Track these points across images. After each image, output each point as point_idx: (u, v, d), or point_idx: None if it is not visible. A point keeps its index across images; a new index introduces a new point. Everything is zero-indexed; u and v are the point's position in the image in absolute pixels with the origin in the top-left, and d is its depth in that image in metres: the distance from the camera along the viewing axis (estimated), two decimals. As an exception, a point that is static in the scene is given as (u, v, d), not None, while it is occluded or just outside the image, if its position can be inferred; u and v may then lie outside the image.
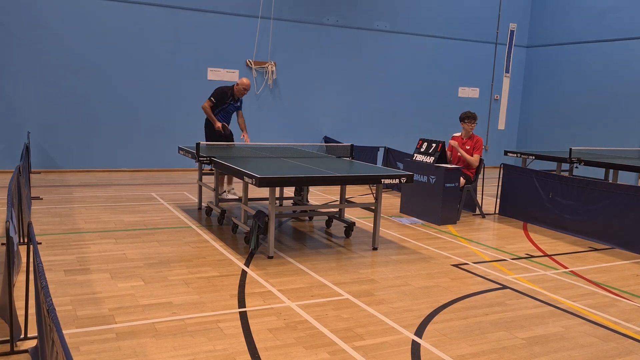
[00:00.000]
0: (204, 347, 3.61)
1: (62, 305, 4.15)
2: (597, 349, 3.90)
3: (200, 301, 4.39)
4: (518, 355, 3.74)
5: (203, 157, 6.71)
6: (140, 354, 3.47)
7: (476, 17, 14.25)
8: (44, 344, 2.62)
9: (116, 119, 10.99)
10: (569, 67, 13.91)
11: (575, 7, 13.72)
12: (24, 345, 3.46)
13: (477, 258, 6.05)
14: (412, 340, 3.87)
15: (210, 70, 11.63)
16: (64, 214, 7.14)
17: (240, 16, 11.75)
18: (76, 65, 10.55)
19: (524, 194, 8.02)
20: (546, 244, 6.86)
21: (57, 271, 4.92)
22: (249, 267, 5.34)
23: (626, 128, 12.55)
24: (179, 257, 5.53)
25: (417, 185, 7.87)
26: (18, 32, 10.06)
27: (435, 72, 14.03)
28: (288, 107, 12.50)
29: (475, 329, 4.12)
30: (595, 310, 4.63)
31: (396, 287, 4.97)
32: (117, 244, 5.89)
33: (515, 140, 15.40)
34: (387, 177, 5.96)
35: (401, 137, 13.29)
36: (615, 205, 6.75)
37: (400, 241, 6.65)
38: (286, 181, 5.86)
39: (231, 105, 8.27)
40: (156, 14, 11.03)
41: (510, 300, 4.77)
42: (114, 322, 3.92)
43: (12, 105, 10.20)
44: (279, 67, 12.26)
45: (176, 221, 7.07)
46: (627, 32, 12.55)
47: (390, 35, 13.35)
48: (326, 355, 3.59)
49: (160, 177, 10.72)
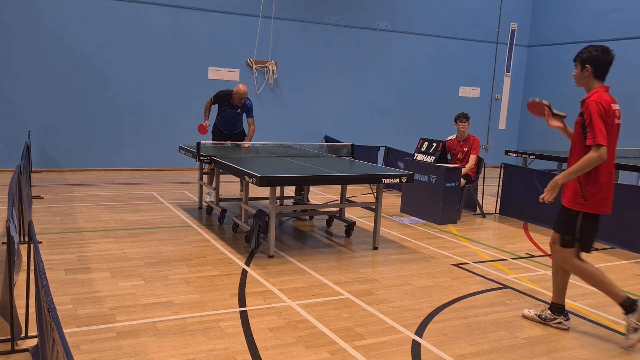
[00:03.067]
0: (205, 346, 3.62)
1: (62, 304, 4.15)
2: (597, 348, 3.90)
3: (200, 300, 4.40)
4: (518, 355, 3.74)
5: (203, 157, 6.72)
6: (141, 353, 3.48)
7: (477, 16, 14.24)
8: (45, 342, 2.62)
9: (117, 118, 10.99)
10: (569, 66, 13.64)
11: (576, 7, 13.71)
12: (24, 344, 3.46)
13: (478, 258, 6.05)
14: (412, 340, 3.87)
15: (211, 70, 11.62)
16: (64, 213, 7.14)
17: (241, 15, 11.74)
18: (77, 64, 10.56)
19: (524, 194, 8.01)
20: (547, 243, 6.85)
21: (57, 270, 4.92)
22: (249, 266, 5.34)
23: (627, 128, 12.50)
24: (180, 257, 5.53)
25: (418, 184, 7.86)
26: (19, 32, 10.06)
27: (436, 72, 14.02)
28: (288, 106, 12.49)
29: (476, 329, 4.12)
30: (596, 310, 4.63)
31: (396, 287, 4.97)
32: (117, 243, 5.89)
33: (515, 139, 15.39)
34: (388, 177, 5.96)
35: (402, 137, 13.28)
36: (615, 205, 6.69)
37: (401, 241, 6.65)
38: (287, 180, 5.85)
39: (228, 112, 7.93)
40: (157, 13, 11.03)
41: (511, 300, 4.77)
42: (114, 321, 3.92)
43: (13, 104, 10.21)
44: (280, 66, 12.26)
45: (177, 220, 7.07)
46: (628, 32, 12.54)
47: (391, 34, 13.35)
48: (326, 355, 3.59)
49: (160, 176, 10.72)
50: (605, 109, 3.84)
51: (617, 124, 3.96)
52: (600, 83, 4.00)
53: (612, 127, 3.90)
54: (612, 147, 3.96)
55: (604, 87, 3.99)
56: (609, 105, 3.88)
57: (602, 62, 3.95)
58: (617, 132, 3.99)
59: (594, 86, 4.00)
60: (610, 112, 3.88)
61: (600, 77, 4.00)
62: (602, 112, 3.83)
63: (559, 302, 4.23)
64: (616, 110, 3.96)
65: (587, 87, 4.05)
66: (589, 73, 3.99)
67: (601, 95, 3.92)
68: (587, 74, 4.00)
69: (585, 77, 4.02)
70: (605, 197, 3.97)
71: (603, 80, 4.02)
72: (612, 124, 3.90)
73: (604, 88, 3.99)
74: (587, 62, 3.98)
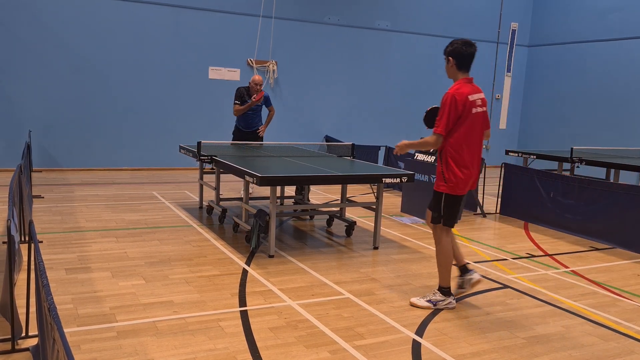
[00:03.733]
0: (205, 345, 3.62)
1: (63, 303, 4.15)
2: (597, 348, 3.90)
3: (201, 300, 4.40)
4: (519, 355, 3.74)
5: (204, 156, 6.72)
6: (141, 352, 3.48)
7: (477, 16, 14.23)
8: (45, 342, 2.62)
9: (117, 117, 10.99)
10: (570, 66, 13.89)
11: (576, 7, 13.70)
12: (25, 343, 3.46)
13: (478, 257, 6.05)
14: (412, 340, 3.87)
15: (211, 69, 11.62)
16: (65, 213, 7.14)
17: (242, 15, 11.74)
18: (77, 63, 10.56)
19: (525, 194, 8.01)
20: (547, 243, 6.86)
21: (58, 270, 4.92)
22: (249, 266, 5.34)
23: (627, 127, 12.54)
24: (180, 256, 5.54)
25: (418, 184, 7.86)
26: (19, 31, 10.06)
27: (436, 71, 13.99)
28: (289, 106, 12.49)
29: (476, 329, 4.12)
30: (596, 310, 4.63)
31: (397, 286, 4.97)
32: (118, 243, 5.90)
33: (516, 139, 15.39)
34: (388, 177, 5.96)
35: (402, 137, 13.09)
36: (616, 205, 6.74)
37: (401, 240, 6.65)
38: (287, 180, 5.85)
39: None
40: (158, 12, 11.03)
41: (511, 300, 4.77)
42: (114, 320, 3.93)
43: (14, 103, 10.21)
44: (280, 66, 12.26)
45: (177, 220, 7.07)
46: (629, 32, 12.53)
47: (391, 34, 13.35)
48: (327, 354, 3.59)
49: (161, 175, 10.72)
50: (458, 100, 4.18)
51: (475, 113, 4.27)
52: (464, 74, 4.31)
53: (468, 116, 4.24)
54: (474, 135, 4.31)
55: (466, 79, 4.31)
56: (465, 97, 4.21)
57: (463, 54, 4.25)
58: (479, 120, 4.32)
59: (458, 77, 4.32)
60: (468, 103, 4.22)
61: (463, 68, 4.30)
62: (454, 104, 4.18)
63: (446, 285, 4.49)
64: (477, 100, 4.26)
65: (454, 78, 4.38)
66: (452, 65, 4.29)
67: (459, 88, 4.23)
68: (451, 66, 4.31)
69: (450, 69, 4.35)
70: (463, 181, 4.33)
71: (467, 72, 4.32)
72: (469, 113, 4.24)
73: (466, 80, 4.30)
74: (450, 55, 4.31)
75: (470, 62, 4.32)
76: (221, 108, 11.74)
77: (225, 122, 11.81)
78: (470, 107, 4.23)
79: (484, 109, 4.34)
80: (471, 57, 4.29)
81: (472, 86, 4.31)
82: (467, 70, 4.33)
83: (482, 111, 4.33)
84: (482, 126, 4.38)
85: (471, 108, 4.23)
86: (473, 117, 4.25)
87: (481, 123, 4.35)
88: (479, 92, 4.34)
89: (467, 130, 4.26)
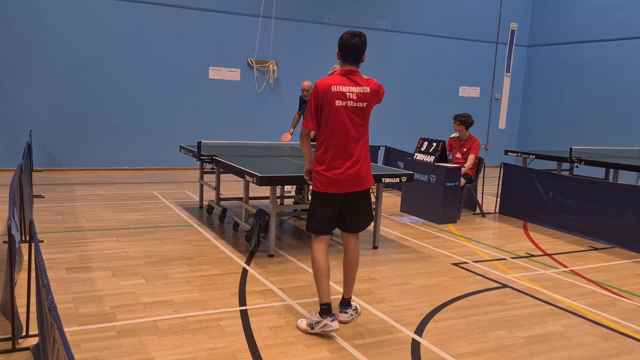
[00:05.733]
0: (205, 345, 3.63)
1: (63, 303, 4.16)
2: (596, 348, 3.91)
3: (201, 299, 4.41)
4: (518, 354, 3.75)
5: (204, 156, 6.73)
6: (142, 351, 3.49)
7: (477, 16, 14.24)
8: (45, 341, 2.63)
9: (118, 117, 11.00)
10: (569, 66, 13.90)
11: (576, 6, 13.71)
12: (25, 342, 3.47)
13: (478, 257, 6.06)
14: (412, 339, 3.88)
15: (211, 69, 11.63)
16: (65, 212, 7.15)
17: (242, 15, 11.75)
18: (78, 63, 10.57)
19: (524, 193, 8.02)
20: (546, 243, 6.87)
21: (58, 269, 4.94)
22: (249, 265, 5.35)
23: (627, 127, 12.55)
24: (180, 255, 5.55)
25: (418, 184, 7.87)
26: (20, 30, 10.07)
27: (436, 71, 14.03)
28: (289, 106, 12.47)
29: (475, 328, 4.13)
30: (595, 310, 4.64)
31: (396, 286, 4.98)
32: (118, 242, 5.91)
33: (515, 139, 15.39)
34: (388, 176, 5.97)
35: (402, 136, 13.28)
36: (615, 205, 6.75)
37: (401, 240, 6.66)
38: (287, 180, 5.86)
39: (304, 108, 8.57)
40: (158, 12, 11.04)
41: (511, 299, 4.78)
42: (115, 319, 3.94)
43: (14, 103, 10.22)
44: (280, 66, 12.27)
45: (177, 219, 7.08)
46: (629, 32, 12.54)
47: (391, 34, 13.35)
48: (326, 354, 3.60)
49: (161, 175, 10.73)
50: (319, 91, 3.90)
51: (339, 105, 3.88)
52: (347, 65, 4.02)
53: (331, 109, 3.88)
54: (339, 129, 3.89)
55: (343, 70, 4.00)
56: (327, 88, 3.88)
57: (345, 45, 4.01)
58: (344, 113, 3.89)
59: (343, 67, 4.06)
60: (329, 94, 3.87)
61: (346, 59, 4.03)
62: (315, 95, 3.91)
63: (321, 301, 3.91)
64: (344, 93, 3.90)
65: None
66: (338, 56, 4.09)
67: (327, 79, 3.97)
68: (338, 57, 4.09)
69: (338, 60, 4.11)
70: (329, 180, 3.92)
71: (353, 63, 4.03)
72: (332, 106, 3.88)
73: (343, 71, 4.00)
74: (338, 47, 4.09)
75: (354, 53, 3.98)
76: (221, 108, 11.76)
77: (225, 122, 11.85)
78: (333, 98, 3.86)
79: (358, 104, 3.92)
80: (353, 48, 3.96)
81: (349, 78, 3.94)
82: (353, 62, 4.00)
83: (354, 106, 3.91)
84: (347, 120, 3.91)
85: (334, 100, 3.86)
86: (337, 110, 3.87)
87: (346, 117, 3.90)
88: (360, 86, 3.95)
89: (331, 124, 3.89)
